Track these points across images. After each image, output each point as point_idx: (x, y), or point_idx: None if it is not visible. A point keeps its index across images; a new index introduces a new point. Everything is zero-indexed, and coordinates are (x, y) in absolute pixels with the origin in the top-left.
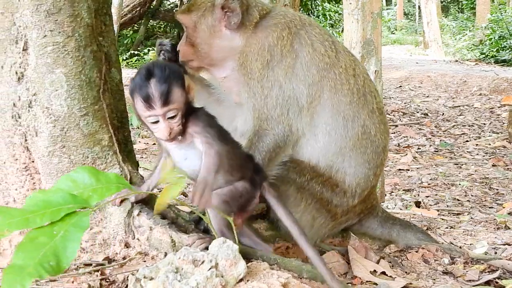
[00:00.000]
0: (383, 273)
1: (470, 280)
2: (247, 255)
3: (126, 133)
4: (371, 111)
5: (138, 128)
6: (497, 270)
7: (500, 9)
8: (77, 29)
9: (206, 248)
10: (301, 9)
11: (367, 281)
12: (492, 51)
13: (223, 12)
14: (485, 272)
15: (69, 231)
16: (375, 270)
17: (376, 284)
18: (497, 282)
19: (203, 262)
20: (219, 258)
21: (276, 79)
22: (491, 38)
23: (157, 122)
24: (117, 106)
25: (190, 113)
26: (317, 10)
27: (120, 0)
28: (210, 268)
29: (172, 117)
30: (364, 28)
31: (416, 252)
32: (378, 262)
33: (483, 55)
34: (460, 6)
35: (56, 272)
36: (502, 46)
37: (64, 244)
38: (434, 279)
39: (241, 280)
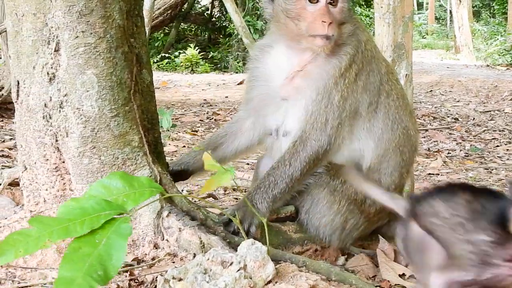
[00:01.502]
0: (412, 276)
1: None
2: (276, 257)
3: (156, 134)
4: (410, 112)
5: (168, 130)
6: None
7: None
8: (108, 30)
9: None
10: None
11: (395, 285)
12: None
13: None
14: None
15: (112, 239)
16: (404, 274)
17: (404, 287)
18: None
19: (231, 263)
20: (247, 260)
21: (354, 91)
22: None
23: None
24: (147, 107)
25: None
26: None
27: (151, 2)
28: (238, 270)
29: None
30: (395, 32)
31: None
32: (407, 266)
33: None
34: (491, 11)
35: (105, 281)
36: None
37: (109, 252)
38: None
39: (269, 282)
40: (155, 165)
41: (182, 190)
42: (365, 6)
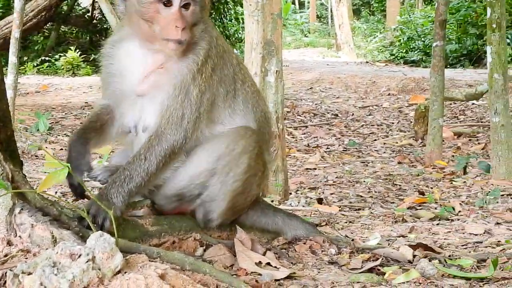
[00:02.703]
0: (269, 264)
1: (353, 268)
2: (130, 249)
3: (8, 132)
4: (262, 98)
5: (45, 133)
6: (380, 258)
7: (409, 11)
8: None
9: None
10: (213, 12)
11: (252, 272)
12: (401, 52)
13: None
14: (369, 261)
15: None
16: (260, 262)
17: (260, 274)
18: (379, 269)
19: (80, 255)
20: (96, 251)
21: (211, 85)
22: (400, 40)
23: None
24: None
25: None
26: (229, 14)
27: (22, 4)
28: (87, 261)
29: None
30: (264, 29)
31: (304, 243)
32: (264, 254)
33: (393, 56)
34: (371, 9)
35: None
36: (411, 47)
37: None
38: (319, 269)
39: (118, 272)
40: (6, 163)
41: (56, 192)
42: (232, 4)
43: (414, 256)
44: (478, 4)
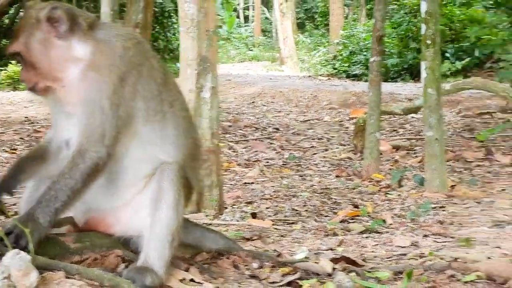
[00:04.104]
0: (192, 280)
1: (273, 282)
2: (48, 266)
3: None
4: (194, 124)
5: None
6: (299, 271)
7: (352, 25)
8: None
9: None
10: (157, 26)
11: None
12: (344, 66)
13: (49, 24)
14: (289, 275)
15: None
16: (184, 278)
17: None
18: (297, 283)
19: None
20: (11, 269)
21: (124, 96)
22: (343, 54)
23: None
24: None
25: None
26: (172, 28)
27: None
28: (2, 279)
29: None
30: (199, 46)
31: (228, 258)
32: (187, 270)
33: (336, 70)
34: (315, 23)
35: None
36: (353, 61)
37: None
38: (240, 283)
39: None
40: None
41: None
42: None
43: (334, 269)
44: (419, 19)
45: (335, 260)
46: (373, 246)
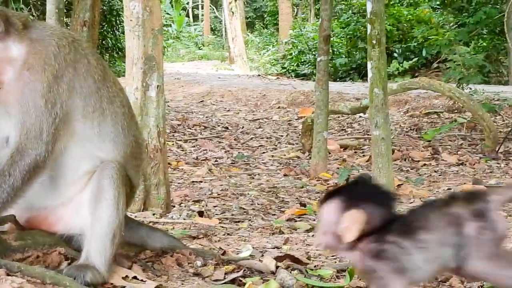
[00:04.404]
0: (135, 278)
1: (216, 280)
2: None
3: None
4: (136, 122)
5: None
6: (242, 269)
7: (301, 25)
8: None
9: None
10: (105, 25)
11: (119, 286)
12: (293, 65)
13: None
14: (233, 272)
15: None
16: (127, 276)
17: (124, 287)
18: (241, 280)
19: None
20: None
21: (60, 94)
22: (292, 53)
23: None
24: None
25: None
26: (121, 26)
27: None
28: None
29: None
30: (145, 45)
31: (171, 256)
32: (130, 268)
33: (284, 70)
34: (264, 22)
35: None
36: (302, 61)
37: None
38: (184, 280)
39: None
40: None
41: None
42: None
43: (277, 267)
44: (366, 19)
45: (279, 258)
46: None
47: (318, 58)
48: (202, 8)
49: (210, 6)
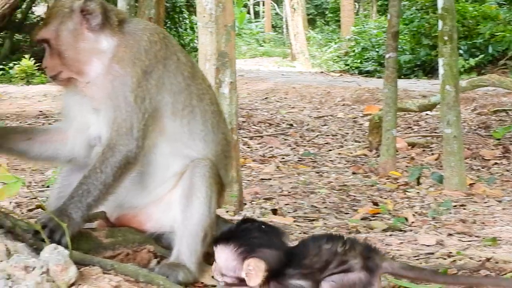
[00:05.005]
0: None
1: None
2: (84, 261)
3: None
4: (224, 120)
5: None
6: None
7: (363, 21)
8: None
9: None
10: (168, 22)
11: (211, 285)
12: (356, 62)
13: (82, 15)
14: None
15: None
16: None
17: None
18: None
19: (34, 268)
20: (50, 264)
21: (149, 90)
22: (355, 50)
23: None
24: None
25: None
26: (184, 23)
27: None
28: (41, 274)
29: None
30: (218, 41)
31: None
32: None
33: (348, 66)
34: (325, 19)
35: None
36: (365, 57)
37: None
38: None
39: (72, 284)
40: None
41: (10, 203)
42: (187, 13)
43: None
44: (431, 15)
45: None
46: (398, 244)
47: (387, 55)
48: (263, 5)
49: (271, 3)
